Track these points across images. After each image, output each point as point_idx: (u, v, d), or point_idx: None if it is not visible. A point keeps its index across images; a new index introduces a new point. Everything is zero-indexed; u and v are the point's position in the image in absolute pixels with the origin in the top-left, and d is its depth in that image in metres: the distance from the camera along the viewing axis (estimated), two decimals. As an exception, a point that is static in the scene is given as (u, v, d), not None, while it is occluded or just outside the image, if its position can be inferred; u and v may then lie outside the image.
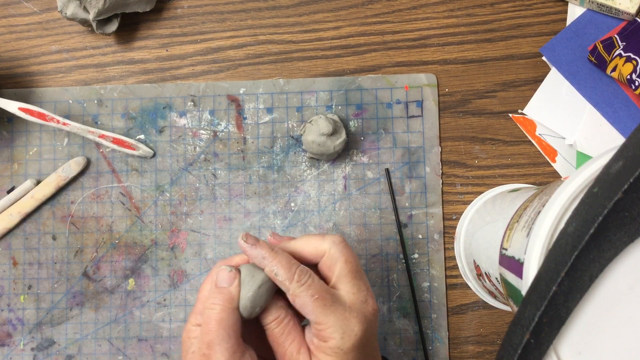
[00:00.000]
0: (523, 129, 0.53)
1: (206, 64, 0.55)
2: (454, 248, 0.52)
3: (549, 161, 0.53)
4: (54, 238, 0.54)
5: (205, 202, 0.54)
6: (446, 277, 0.53)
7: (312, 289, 0.35)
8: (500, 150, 0.53)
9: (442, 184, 0.53)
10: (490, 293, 0.49)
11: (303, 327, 0.37)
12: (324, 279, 0.38)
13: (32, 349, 0.53)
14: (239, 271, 0.36)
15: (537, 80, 0.53)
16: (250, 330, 0.38)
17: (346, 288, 0.36)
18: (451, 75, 0.54)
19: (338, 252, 0.37)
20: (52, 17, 0.56)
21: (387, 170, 0.53)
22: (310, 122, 0.51)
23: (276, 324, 0.36)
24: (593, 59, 0.51)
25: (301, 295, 0.35)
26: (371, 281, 0.52)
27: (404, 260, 0.52)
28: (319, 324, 0.35)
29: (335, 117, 0.51)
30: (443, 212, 0.53)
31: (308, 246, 0.37)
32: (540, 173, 0.53)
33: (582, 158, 0.52)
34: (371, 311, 0.36)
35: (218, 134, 0.54)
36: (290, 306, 0.37)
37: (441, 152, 0.53)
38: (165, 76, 0.56)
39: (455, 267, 0.52)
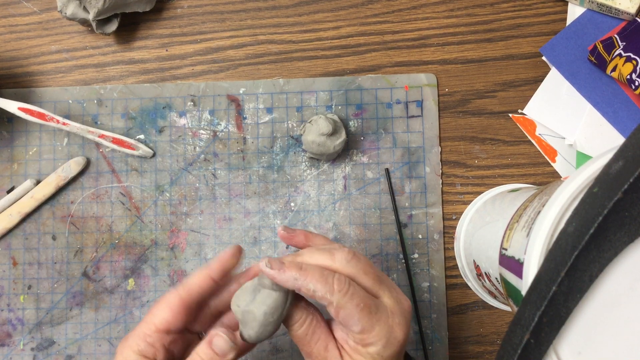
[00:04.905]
0: (523, 129, 0.53)
1: (206, 64, 0.55)
2: (454, 248, 0.52)
3: (549, 161, 0.53)
4: (54, 238, 0.54)
5: (205, 202, 0.54)
6: (446, 277, 0.52)
7: (357, 297, 0.33)
8: (500, 150, 0.53)
9: (442, 184, 0.53)
10: (490, 293, 0.49)
11: (327, 321, 0.36)
12: None
13: (32, 349, 0.53)
14: (236, 346, 0.35)
15: (537, 80, 0.53)
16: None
17: (379, 294, 0.35)
18: (451, 75, 0.54)
19: (354, 269, 0.35)
20: (52, 17, 0.56)
21: (387, 170, 0.53)
22: (310, 122, 0.50)
23: (299, 326, 0.35)
24: (593, 59, 0.51)
25: (346, 306, 0.33)
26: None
27: (404, 260, 0.52)
28: (363, 332, 0.34)
29: (335, 117, 0.51)
30: (443, 212, 0.53)
31: (319, 264, 0.35)
32: (540, 173, 0.53)
33: (582, 158, 0.52)
34: (407, 309, 0.36)
35: (218, 134, 0.54)
36: (310, 304, 0.36)
37: (441, 152, 0.53)
38: (165, 76, 0.56)
39: (455, 267, 0.52)
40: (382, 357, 0.34)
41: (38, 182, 0.54)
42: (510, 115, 0.54)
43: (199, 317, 0.39)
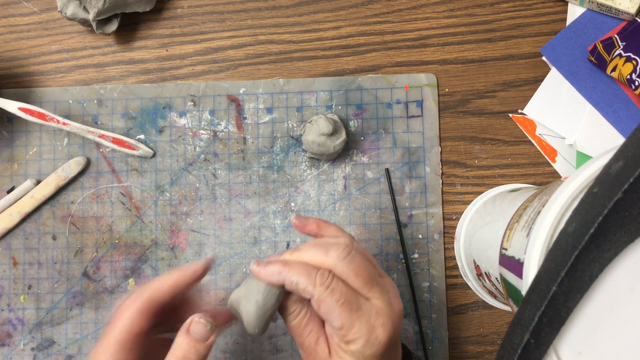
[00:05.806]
0: (523, 129, 0.53)
1: (206, 64, 0.55)
2: (454, 248, 0.52)
3: (549, 161, 0.53)
4: (54, 238, 0.54)
5: (205, 202, 0.54)
6: (446, 277, 0.52)
7: (338, 292, 0.34)
8: (500, 150, 0.53)
9: (442, 184, 0.53)
10: (490, 293, 0.49)
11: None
12: None
13: (32, 349, 0.53)
14: (215, 326, 0.35)
15: (537, 80, 0.53)
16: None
17: (368, 296, 0.35)
18: (451, 75, 0.54)
19: (345, 269, 0.34)
20: (52, 17, 0.56)
21: (387, 170, 0.53)
22: (310, 122, 0.51)
23: (293, 317, 0.36)
24: (593, 59, 0.51)
25: (326, 300, 0.33)
26: (371, 281, 0.52)
27: (404, 260, 0.52)
28: (342, 329, 0.34)
29: (335, 117, 0.51)
30: (443, 212, 0.53)
31: (312, 260, 0.35)
32: (540, 173, 0.53)
33: (582, 158, 0.52)
34: (397, 312, 0.36)
35: (218, 134, 0.54)
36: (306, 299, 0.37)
37: (441, 152, 0.53)
38: (165, 76, 0.56)
39: (455, 267, 0.52)
40: (363, 355, 0.34)
41: (38, 182, 0.54)
42: (510, 115, 0.54)
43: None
